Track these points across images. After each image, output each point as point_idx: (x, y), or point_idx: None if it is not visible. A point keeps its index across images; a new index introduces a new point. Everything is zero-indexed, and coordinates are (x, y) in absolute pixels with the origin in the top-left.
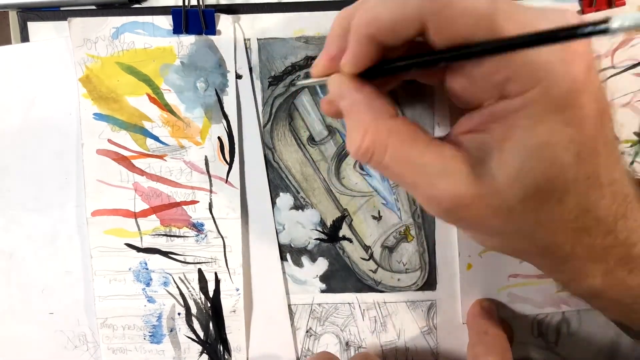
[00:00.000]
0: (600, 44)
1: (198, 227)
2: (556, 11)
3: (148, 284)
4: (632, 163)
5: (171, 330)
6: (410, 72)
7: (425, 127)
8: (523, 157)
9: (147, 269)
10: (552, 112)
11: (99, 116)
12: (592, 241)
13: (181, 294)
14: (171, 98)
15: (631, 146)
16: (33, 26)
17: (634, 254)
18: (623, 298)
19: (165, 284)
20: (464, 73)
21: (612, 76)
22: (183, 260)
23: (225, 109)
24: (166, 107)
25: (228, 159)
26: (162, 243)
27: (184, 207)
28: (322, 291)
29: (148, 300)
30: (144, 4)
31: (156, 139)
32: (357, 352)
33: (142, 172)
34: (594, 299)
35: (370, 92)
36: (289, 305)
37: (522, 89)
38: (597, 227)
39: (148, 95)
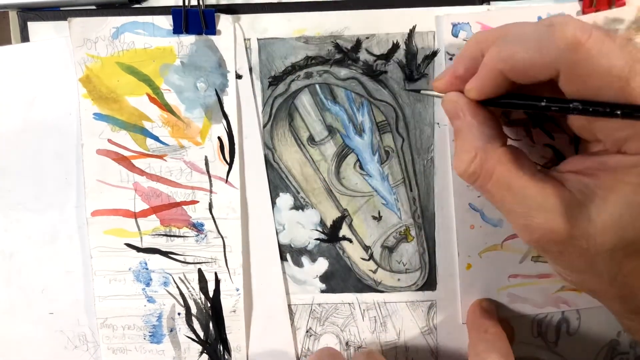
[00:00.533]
0: None
1: (198, 227)
2: None
3: (148, 284)
4: None
5: (171, 330)
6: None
7: (425, 126)
8: (624, 210)
9: (147, 269)
10: None
11: (99, 116)
12: None
13: (181, 294)
14: (171, 98)
15: None
16: (33, 26)
17: None
18: None
19: (165, 284)
20: (587, 119)
21: None
22: (183, 260)
23: (225, 109)
24: (166, 107)
25: (228, 159)
26: (162, 243)
27: (183, 207)
28: (322, 291)
29: (148, 300)
30: (144, 4)
31: (156, 139)
32: (357, 351)
33: (142, 172)
34: None
35: (484, 118)
36: (289, 305)
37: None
38: None
39: (148, 95)
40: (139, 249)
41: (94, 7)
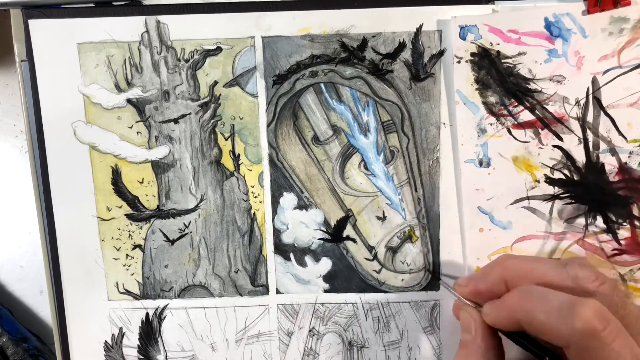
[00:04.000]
0: (605, 43)
1: None
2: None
3: None
4: None
5: None
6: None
7: (431, 126)
8: None
9: None
10: None
11: None
12: None
13: None
14: None
15: (639, 145)
16: (34, 23)
17: None
18: None
19: None
20: None
21: (618, 76)
22: None
23: None
24: None
25: None
26: None
27: None
28: (326, 291)
29: None
30: (146, 2)
31: None
32: (359, 352)
33: None
34: None
35: (492, 344)
36: (292, 305)
37: None
38: None
39: None
40: None
41: (92, 5)
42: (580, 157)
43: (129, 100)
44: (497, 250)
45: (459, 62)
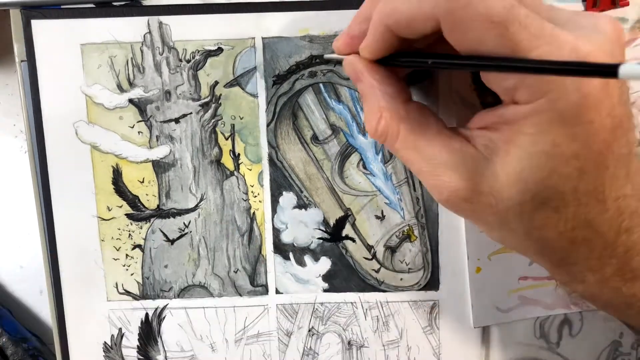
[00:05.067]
0: None
1: None
2: (576, 23)
3: None
4: None
5: None
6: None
7: None
8: (524, 162)
9: None
10: (557, 124)
11: None
12: (589, 253)
13: None
14: None
15: (637, 145)
16: (35, 24)
17: (631, 266)
18: (618, 304)
19: None
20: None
21: None
22: None
23: None
24: None
25: None
26: None
27: None
28: (325, 290)
29: None
30: (145, 3)
31: None
32: (358, 351)
33: None
34: (590, 300)
35: (384, 77)
36: (291, 305)
37: (529, 98)
38: (596, 239)
39: None
40: None
41: (92, 6)
42: None
43: (130, 101)
44: (497, 250)
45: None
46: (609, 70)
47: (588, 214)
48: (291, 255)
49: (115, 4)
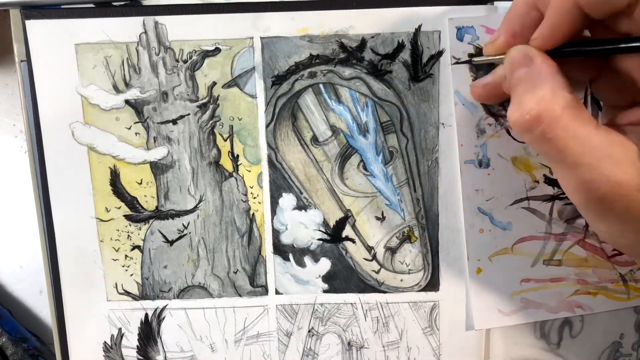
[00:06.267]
0: None
1: None
2: None
3: None
4: None
5: None
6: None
7: (430, 126)
8: None
9: None
10: None
11: None
12: None
13: None
14: None
15: None
16: (34, 24)
17: None
18: None
19: None
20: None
21: None
22: None
23: None
24: None
25: None
26: None
27: None
28: (325, 291)
29: None
30: (145, 3)
31: None
32: (358, 352)
33: None
34: None
35: (554, 65)
36: (291, 305)
37: None
38: None
39: None
40: None
41: (92, 6)
42: None
43: (127, 101)
44: (497, 251)
45: (457, 62)
46: None
47: None
48: (291, 256)
49: (115, 3)
